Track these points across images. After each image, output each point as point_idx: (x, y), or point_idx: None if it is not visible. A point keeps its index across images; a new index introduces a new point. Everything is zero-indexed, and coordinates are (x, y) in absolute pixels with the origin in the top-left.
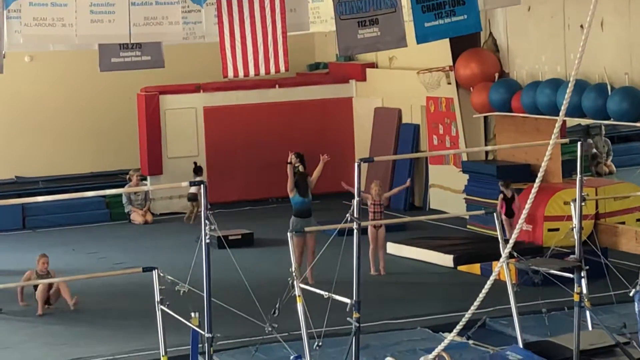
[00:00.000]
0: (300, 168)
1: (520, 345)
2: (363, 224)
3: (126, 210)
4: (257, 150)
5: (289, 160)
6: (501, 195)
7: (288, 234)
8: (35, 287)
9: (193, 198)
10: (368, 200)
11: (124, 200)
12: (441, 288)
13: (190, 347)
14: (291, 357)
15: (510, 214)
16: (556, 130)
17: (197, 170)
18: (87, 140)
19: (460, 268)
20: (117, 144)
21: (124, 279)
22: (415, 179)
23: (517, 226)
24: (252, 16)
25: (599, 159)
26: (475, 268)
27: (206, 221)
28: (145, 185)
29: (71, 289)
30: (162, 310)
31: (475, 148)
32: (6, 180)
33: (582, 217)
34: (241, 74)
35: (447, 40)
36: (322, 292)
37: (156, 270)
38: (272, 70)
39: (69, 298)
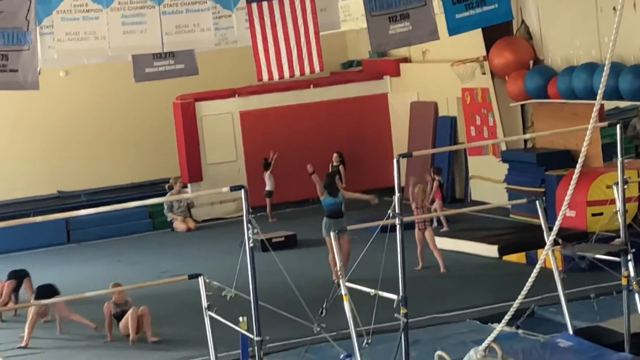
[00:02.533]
0: (341, 167)
1: (571, 332)
2: (405, 219)
3: (168, 219)
4: (295, 151)
5: (310, 172)
6: (437, 183)
7: (328, 236)
8: (118, 319)
9: (268, 195)
10: (412, 205)
11: (165, 208)
12: (487, 279)
13: (240, 351)
14: (341, 356)
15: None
16: (594, 114)
17: (267, 166)
18: (127, 151)
19: (506, 258)
20: (156, 153)
21: (171, 287)
22: (455, 171)
23: (560, 212)
24: (283, 18)
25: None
26: (521, 257)
27: (249, 225)
28: (187, 192)
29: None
30: (210, 317)
31: (513, 137)
32: (49, 195)
33: (625, 200)
34: (276, 76)
35: (480, 30)
36: (368, 290)
37: (202, 276)
38: (307, 70)
39: (149, 331)
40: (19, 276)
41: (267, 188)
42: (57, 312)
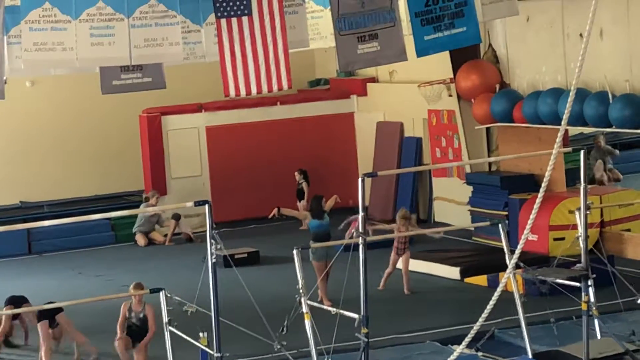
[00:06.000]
0: (304, 185)
1: (530, 355)
2: (370, 239)
3: (139, 230)
4: (260, 168)
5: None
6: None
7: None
8: (129, 329)
9: (177, 217)
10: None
11: (140, 220)
12: (449, 301)
13: None
14: None
15: None
16: (558, 139)
17: (175, 216)
18: (91, 163)
19: (467, 280)
20: (121, 166)
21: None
22: (420, 192)
23: (523, 236)
24: (252, 34)
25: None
26: (482, 280)
27: (212, 240)
28: (154, 206)
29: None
30: (171, 331)
31: (478, 160)
32: (11, 205)
33: (587, 226)
34: (243, 92)
35: (447, 52)
36: (329, 308)
37: (163, 291)
38: (275, 87)
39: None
40: (17, 302)
41: (182, 230)
42: (63, 328)
